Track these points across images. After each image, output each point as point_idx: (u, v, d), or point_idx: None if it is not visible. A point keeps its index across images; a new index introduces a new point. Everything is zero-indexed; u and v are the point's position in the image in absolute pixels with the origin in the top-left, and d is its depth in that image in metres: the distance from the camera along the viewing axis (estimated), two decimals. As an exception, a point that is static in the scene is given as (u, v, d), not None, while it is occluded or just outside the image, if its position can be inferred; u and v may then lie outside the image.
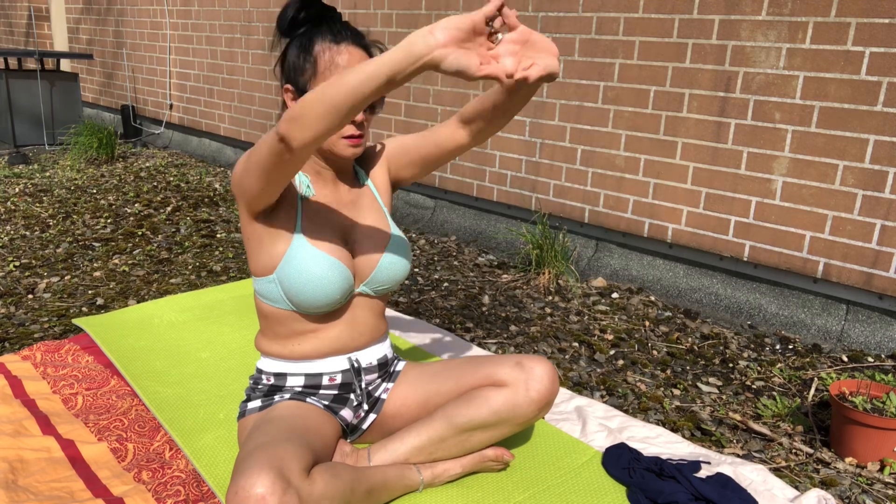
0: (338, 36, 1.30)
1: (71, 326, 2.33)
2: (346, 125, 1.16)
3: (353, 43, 1.30)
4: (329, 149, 1.36)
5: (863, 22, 2.36)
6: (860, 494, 1.62)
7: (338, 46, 1.29)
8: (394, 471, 1.40)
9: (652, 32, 2.86)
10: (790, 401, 2.07)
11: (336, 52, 1.29)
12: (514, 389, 1.42)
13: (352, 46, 1.30)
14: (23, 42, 7.64)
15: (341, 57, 1.29)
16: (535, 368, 1.44)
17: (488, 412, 1.41)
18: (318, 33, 1.31)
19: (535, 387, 1.42)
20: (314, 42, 1.30)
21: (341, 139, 1.34)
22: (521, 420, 1.43)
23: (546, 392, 1.43)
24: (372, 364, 1.52)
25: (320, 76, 1.30)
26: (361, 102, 1.04)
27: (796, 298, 2.64)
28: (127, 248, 3.20)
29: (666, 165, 2.91)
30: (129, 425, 1.65)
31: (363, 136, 1.36)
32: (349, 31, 1.31)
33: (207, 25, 5.21)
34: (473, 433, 1.44)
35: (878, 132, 2.39)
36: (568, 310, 2.72)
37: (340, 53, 1.29)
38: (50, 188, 4.26)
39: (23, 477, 1.42)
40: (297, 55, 1.33)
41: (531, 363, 1.45)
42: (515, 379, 1.43)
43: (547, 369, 1.44)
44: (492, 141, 3.51)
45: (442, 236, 3.67)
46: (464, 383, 1.48)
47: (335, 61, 1.28)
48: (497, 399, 1.42)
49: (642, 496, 1.44)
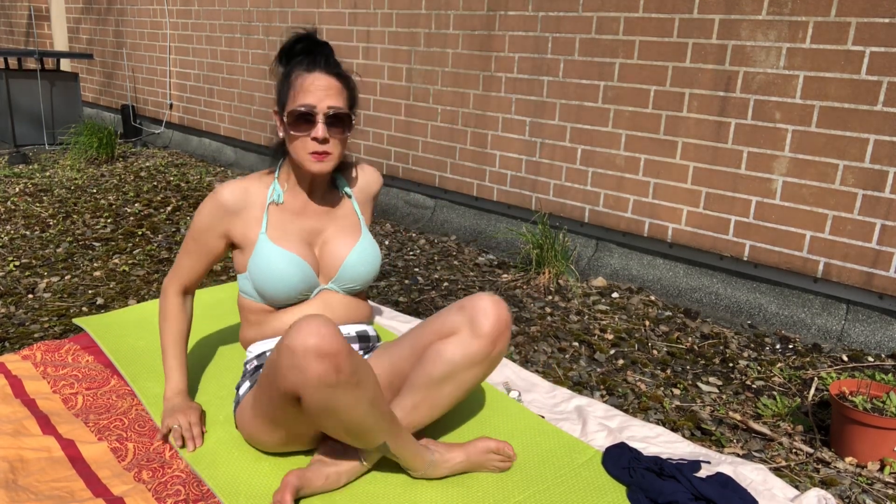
0: (312, 65, 1.48)
1: (71, 326, 2.33)
2: (310, 142, 1.46)
3: (325, 72, 1.48)
4: (299, 164, 1.52)
5: (863, 22, 2.36)
6: (860, 494, 1.62)
7: (310, 74, 1.47)
8: (412, 446, 1.42)
9: (652, 32, 2.86)
10: (790, 400, 2.07)
11: (307, 78, 1.47)
12: (461, 334, 1.45)
13: (322, 74, 1.48)
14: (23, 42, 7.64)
15: (311, 83, 1.47)
16: (478, 305, 1.45)
17: (444, 364, 1.44)
18: (299, 63, 1.50)
19: (481, 322, 1.44)
20: (294, 70, 1.50)
21: (306, 155, 1.49)
22: (479, 360, 1.45)
23: (494, 324, 1.44)
24: (350, 334, 1.60)
25: (293, 97, 1.48)
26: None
27: (796, 298, 2.64)
28: (127, 248, 3.20)
29: (666, 165, 2.91)
30: (129, 425, 1.65)
31: (328, 153, 1.49)
32: (325, 62, 1.49)
33: (207, 25, 5.21)
34: (441, 387, 1.46)
35: (878, 132, 2.39)
36: (568, 309, 2.72)
37: (310, 79, 1.47)
38: (50, 188, 4.26)
39: (23, 476, 1.42)
40: (281, 81, 1.53)
41: (472, 301, 1.47)
42: (460, 323, 1.46)
43: (490, 302, 1.45)
44: (492, 140, 3.51)
45: (442, 236, 3.67)
46: (418, 344, 1.52)
47: (305, 86, 1.46)
48: (448, 349, 1.45)
49: (642, 496, 1.44)
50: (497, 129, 3.48)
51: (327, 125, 1.46)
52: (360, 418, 1.28)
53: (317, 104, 1.45)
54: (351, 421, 1.28)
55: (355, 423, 1.29)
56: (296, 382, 1.21)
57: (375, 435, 1.34)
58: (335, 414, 1.26)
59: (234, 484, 1.44)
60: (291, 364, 1.20)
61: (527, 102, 3.33)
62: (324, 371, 1.19)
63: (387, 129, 4.06)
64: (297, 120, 1.46)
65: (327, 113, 1.46)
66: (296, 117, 1.46)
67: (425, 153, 3.87)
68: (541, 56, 3.23)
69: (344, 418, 1.27)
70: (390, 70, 3.94)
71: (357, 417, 1.28)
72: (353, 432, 1.31)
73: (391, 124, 4.02)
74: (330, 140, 1.48)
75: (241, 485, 1.43)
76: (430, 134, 3.81)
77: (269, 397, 1.33)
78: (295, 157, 1.52)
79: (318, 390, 1.21)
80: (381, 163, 4.13)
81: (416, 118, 3.87)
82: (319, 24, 4.30)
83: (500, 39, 3.38)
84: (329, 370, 1.19)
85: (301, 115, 1.45)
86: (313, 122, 1.46)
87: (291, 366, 1.20)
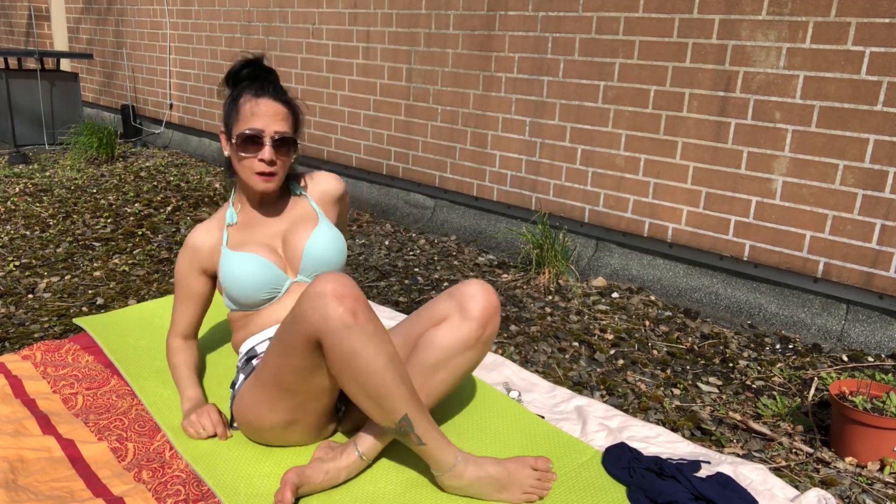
0: (260, 91, 1.57)
1: (71, 326, 2.33)
2: (258, 163, 1.55)
3: (273, 98, 1.57)
4: (247, 183, 1.61)
5: (863, 22, 2.36)
6: (860, 494, 1.62)
7: (259, 99, 1.56)
8: (438, 433, 1.37)
9: (652, 32, 2.86)
10: (790, 400, 2.07)
11: (255, 103, 1.55)
12: (451, 319, 1.48)
13: (269, 100, 1.56)
14: (23, 42, 7.64)
15: (259, 108, 1.55)
16: (466, 290, 1.49)
17: (437, 350, 1.47)
18: (247, 87, 1.58)
19: (470, 307, 1.47)
20: (242, 94, 1.58)
21: (253, 175, 1.57)
22: (471, 343, 1.47)
23: (483, 307, 1.47)
24: None
25: (241, 121, 1.56)
26: None
27: (796, 298, 2.64)
28: (127, 248, 3.20)
29: (666, 165, 2.91)
30: (129, 425, 1.65)
31: (274, 174, 1.58)
32: (273, 88, 1.59)
33: (207, 25, 5.21)
34: (435, 374, 1.48)
35: (878, 132, 2.39)
36: (568, 309, 2.72)
37: (258, 105, 1.55)
38: (50, 188, 4.26)
39: (23, 476, 1.42)
40: (229, 105, 1.60)
41: (461, 287, 1.50)
42: (450, 309, 1.49)
43: (478, 286, 1.49)
44: (492, 140, 3.52)
45: (442, 236, 3.67)
46: (411, 334, 1.55)
47: (253, 111, 1.55)
48: (439, 335, 1.47)
49: (642, 496, 1.44)
50: (497, 129, 3.48)
51: (274, 148, 1.56)
52: (380, 374, 1.28)
53: (264, 128, 1.54)
54: (370, 376, 1.27)
55: (375, 380, 1.28)
56: (316, 323, 1.26)
57: (396, 401, 1.30)
58: (355, 361, 1.27)
59: (234, 483, 1.44)
60: (312, 307, 1.26)
61: (527, 102, 3.33)
62: (343, 311, 1.24)
63: (387, 129, 4.06)
64: (245, 142, 1.55)
65: (274, 137, 1.55)
66: (244, 140, 1.55)
67: (425, 153, 3.87)
68: (541, 56, 3.23)
69: (363, 370, 1.27)
70: (390, 70, 3.94)
71: (376, 371, 1.27)
72: (373, 394, 1.29)
73: (391, 124, 4.02)
74: (276, 161, 1.58)
75: (241, 484, 1.44)
76: (430, 134, 3.81)
77: (288, 348, 1.33)
78: (242, 177, 1.61)
79: (338, 332, 1.25)
80: (382, 163, 4.13)
81: (416, 118, 3.87)
82: (319, 24, 4.30)
83: (500, 39, 3.38)
84: (347, 311, 1.25)
85: (249, 138, 1.54)
86: (261, 145, 1.55)
87: (312, 308, 1.26)
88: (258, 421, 1.49)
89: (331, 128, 4.42)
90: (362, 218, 3.96)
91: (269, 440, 1.54)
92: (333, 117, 4.38)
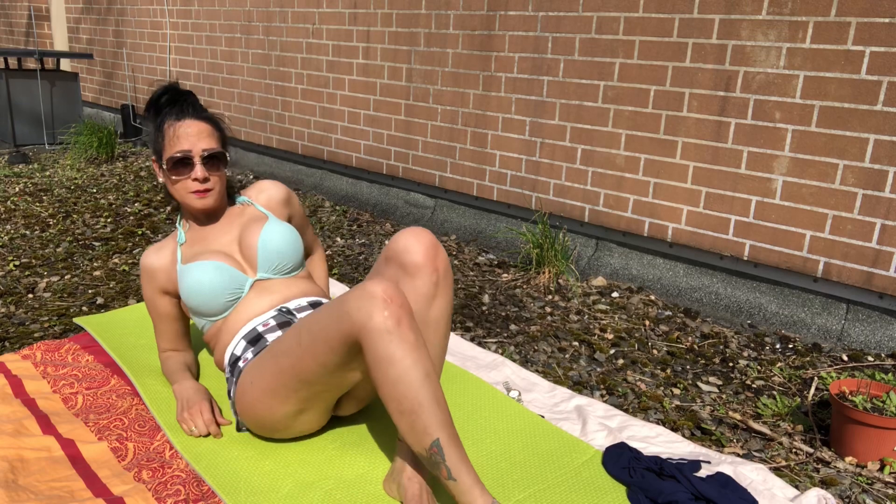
0: (180, 114, 1.62)
1: (71, 326, 2.33)
2: (191, 182, 1.60)
3: (194, 118, 1.63)
4: (185, 205, 1.67)
5: (863, 21, 2.36)
6: (860, 494, 1.62)
7: (179, 121, 1.62)
8: (472, 474, 1.24)
9: (652, 32, 2.86)
10: (790, 400, 2.07)
11: (178, 126, 1.61)
12: (402, 281, 1.42)
13: (191, 120, 1.62)
14: (23, 42, 7.64)
15: (182, 129, 1.61)
16: (399, 247, 1.41)
17: None
18: (168, 113, 1.64)
19: (413, 260, 1.40)
20: (164, 120, 1.64)
21: (189, 194, 1.63)
22: (434, 292, 1.41)
23: (424, 252, 1.40)
24: (302, 305, 1.64)
25: (168, 145, 1.61)
26: None
27: (796, 298, 2.64)
28: (127, 248, 3.20)
29: (666, 165, 2.91)
30: (129, 425, 1.65)
31: (209, 190, 1.64)
32: (193, 109, 1.64)
33: (207, 25, 5.21)
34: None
35: (878, 131, 2.39)
36: (568, 309, 2.72)
37: (181, 126, 1.61)
38: (50, 187, 4.26)
39: (23, 476, 1.42)
40: (154, 133, 1.66)
41: (393, 246, 1.43)
42: (394, 272, 1.43)
43: (408, 236, 1.42)
44: (492, 140, 3.52)
45: (442, 235, 3.67)
46: None
47: (177, 133, 1.60)
48: None
49: (642, 495, 1.44)
50: (497, 129, 3.48)
51: (204, 165, 1.62)
52: (415, 388, 1.22)
53: (192, 148, 1.60)
54: (406, 387, 1.22)
55: (410, 393, 1.22)
56: (359, 322, 1.24)
57: (429, 421, 1.22)
58: (392, 370, 1.22)
59: (235, 482, 1.44)
60: (358, 306, 1.24)
61: (527, 102, 3.33)
62: (388, 315, 1.23)
63: (387, 128, 4.06)
64: (175, 165, 1.61)
65: (203, 155, 1.61)
66: (174, 163, 1.60)
67: (425, 153, 3.87)
68: (541, 56, 3.23)
69: (399, 381, 1.22)
70: (390, 70, 3.94)
71: (411, 383, 1.22)
72: (407, 409, 1.22)
73: (391, 124, 4.02)
74: (210, 178, 1.64)
75: (242, 483, 1.44)
76: (430, 134, 3.81)
77: (321, 342, 1.30)
78: (180, 200, 1.66)
79: (379, 334, 1.22)
80: (382, 162, 4.13)
81: (416, 118, 3.87)
82: (319, 23, 4.30)
83: (500, 39, 3.38)
84: (391, 316, 1.23)
85: (179, 161, 1.60)
86: (191, 165, 1.61)
87: (358, 308, 1.24)
88: (268, 414, 1.46)
89: (331, 128, 4.42)
90: (362, 218, 3.96)
91: (276, 430, 1.52)
92: (333, 117, 4.38)
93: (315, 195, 4.45)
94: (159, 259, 1.71)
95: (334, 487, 1.44)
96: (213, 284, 1.59)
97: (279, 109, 4.77)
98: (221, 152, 1.65)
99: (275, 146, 4.90)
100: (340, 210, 4.10)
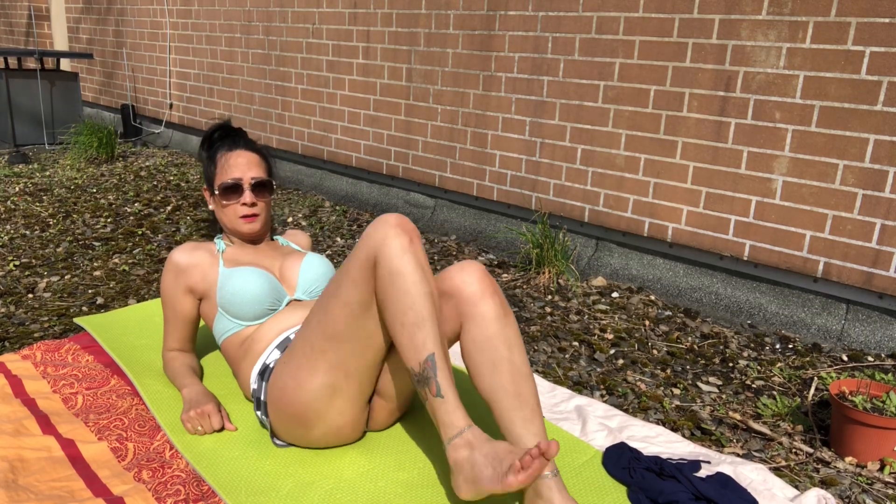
0: (232, 145, 1.78)
1: (71, 326, 2.33)
2: (241, 207, 1.73)
3: (245, 148, 1.79)
4: (233, 229, 1.78)
5: (863, 21, 2.36)
6: (860, 494, 1.62)
7: (230, 152, 1.77)
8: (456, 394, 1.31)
9: (652, 32, 2.86)
10: (790, 400, 2.07)
11: (229, 155, 1.76)
12: (468, 317, 1.44)
13: (242, 150, 1.78)
14: (23, 42, 7.64)
15: (233, 159, 1.75)
16: (455, 283, 1.46)
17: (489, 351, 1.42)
18: (221, 146, 1.79)
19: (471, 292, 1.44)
20: (217, 151, 1.79)
21: (238, 218, 1.75)
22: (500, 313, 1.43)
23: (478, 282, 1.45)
24: None
25: (220, 173, 1.75)
26: None
27: (796, 298, 2.64)
28: (127, 248, 3.20)
29: (666, 165, 2.91)
30: (129, 425, 1.65)
31: (256, 215, 1.76)
32: (243, 142, 1.80)
33: (207, 25, 5.21)
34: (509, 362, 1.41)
35: (878, 131, 2.39)
36: (568, 309, 2.72)
37: (233, 157, 1.76)
38: (50, 187, 4.26)
39: (23, 476, 1.42)
40: (207, 163, 1.80)
41: (448, 283, 1.47)
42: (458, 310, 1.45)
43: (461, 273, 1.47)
44: (492, 140, 3.51)
45: (442, 235, 3.67)
46: None
47: (229, 162, 1.75)
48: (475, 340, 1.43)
49: (642, 496, 1.44)
50: (497, 129, 3.48)
51: (253, 191, 1.75)
52: (420, 301, 1.33)
53: (242, 176, 1.74)
54: (411, 299, 1.32)
55: (415, 304, 1.32)
56: (376, 240, 1.36)
57: (428, 335, 1.31)
58: (399, 280, 1.33)
59: (235, 482, 1.44)
60: (375, 228, 1.38)
61: (527, 102, 3.33)
62: (401, 234, 1.36)
63: (387, 128, 4.06)
64: (226, 191, 1.73)
65: (252, 182, 1.74)
66: (225, 189, 1.73)
67: (425, 153, 3.87)
68: (541, 56, 3.23)
69: (405, 292, 1.32)
70: (390, 70, 3.94)
71: (416, 296, 1.32)
72: (409, 322, 1.32)
73: (391, 124, 4.02)
74: (257, 203, 1.76)
75: (242, 482, 1.44)
76: (430, 134, 3.81)
77: (343, 279, 1.41)
78: (228, 225, 1.78)
79: (393, 249, 1.35)
80: (382, 162, 4.13)
81: (416, 118, 3.87)
82: (319, 23, 4.30)
83: (500, 39, 3.38)
84: (404, 238, 1.36)
85: (230, 187, 1.73)
86: (241, 191, 1.73)
87: (375, 230, 1.38)
88: (299, 394, 1.43)
89: (331, 128, 4.42)
90: (362, 218, 3.96)
91: (308, 420, 1.47)
92: (333, 117, 4.38)
93: (315, 195, 4.45)
94: (195, 257, 1.75)
95: (334, 487, 1.44)
96: (260, 289, 1.66)
97: (279, 109, 4.77)
98: (269, 181, 1.78)
99: (275, 146, 4.90)
100: (340, 210, 4.10)
